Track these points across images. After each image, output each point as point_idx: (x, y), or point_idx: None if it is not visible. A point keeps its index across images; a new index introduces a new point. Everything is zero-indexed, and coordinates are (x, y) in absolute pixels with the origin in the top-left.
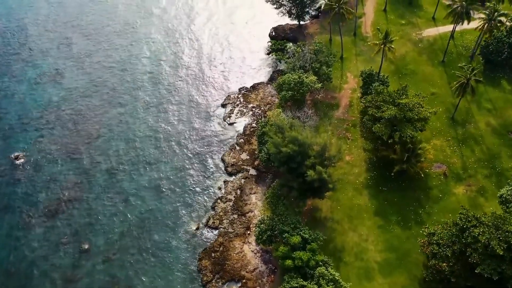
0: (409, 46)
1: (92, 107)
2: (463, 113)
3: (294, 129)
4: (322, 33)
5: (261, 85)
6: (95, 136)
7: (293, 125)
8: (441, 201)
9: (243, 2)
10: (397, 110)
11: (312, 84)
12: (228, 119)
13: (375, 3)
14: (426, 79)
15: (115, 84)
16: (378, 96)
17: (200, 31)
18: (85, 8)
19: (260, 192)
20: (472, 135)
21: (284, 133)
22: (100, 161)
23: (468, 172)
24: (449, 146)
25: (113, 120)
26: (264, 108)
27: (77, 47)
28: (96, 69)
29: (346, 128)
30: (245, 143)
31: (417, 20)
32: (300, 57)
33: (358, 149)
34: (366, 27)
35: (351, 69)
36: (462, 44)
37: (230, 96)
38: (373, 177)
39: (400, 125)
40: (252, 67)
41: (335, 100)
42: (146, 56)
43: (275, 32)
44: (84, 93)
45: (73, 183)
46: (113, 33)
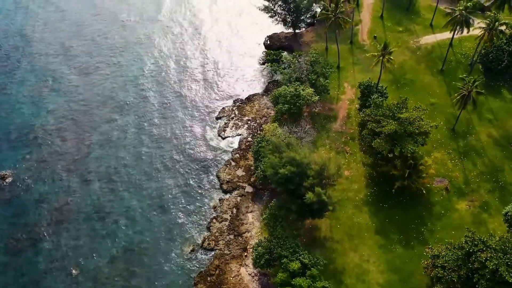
0: (407, 54)
1: (82, 122)
2: (463, 124)
3: (291, 148)
4: (318, 41)
5: (256, 97)
6: (85, 153)
7: (290, 144)
8: (443, 217)
9: (237, 10)
10: (397, 124)
11: (309, 97)
12: (223, 133)
13: (372, 9)
14: (425, 88)
15: (105, 98)
16: (377, 109)
17: (192, 43)
18: (75, 18)
19: (257, 211)
20: (473, 147)
21: (281, 152)
22: (90, 180)
23: (470, 186)
24: (451, 159)
25: (103, 136)
26: (259, 121)
27: (66, 59)
28: (86, 83)
29: (345, 141)
30: (240, 158)
31: (414, 27)
32: (296, 69)
33: (357, 164)
34: (363, 35)
35: (349, 79)
36: (461, 51)
37: (225, 109)
38: (373, 193)
39: (401, 140)
40: (247, 77)
41: (333, 112)
42: (136, 69)
43: (270, 40)
44: (73, 107)
45: (62, 203)
46: (104, 46)
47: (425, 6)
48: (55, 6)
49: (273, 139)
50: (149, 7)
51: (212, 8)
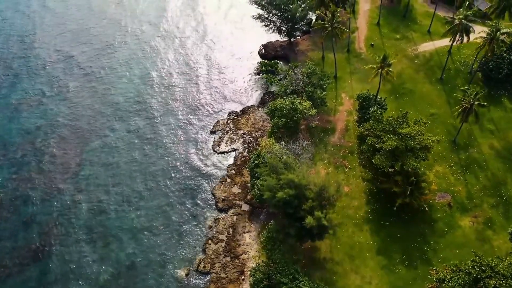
0: (405, 63)
1: (72, 138)
2: (465, 135)
3: (289, 168)
4: (314, 49)
5: (251, 109)
6: (75, 171)
7: (287, 163)
8: (447, 235)
9: (230, 19)
10: (398, 140)
11: (306, 111)
12: (218, 147)
13: (368, 16)
14: (424, 98)
15: (95, 113)
16: (377, 124)
17: (185, 54)
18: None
19: (254, 231)
20: (475, 160)
21: (278, 173)
22: (80, 199)
23: (473, 201)
24: (452, 173)
25: (94, 153)
26: (255, 134)
27: (55, 71)
28: (76, 96)
29: (343, 155)
30: (236, 175)
31: (412, 34)
32: (292, 80)
33: (357, 179)
34: (360, 43)
35: (346, 89)
36: (460, 59)
37: (219, 122)
38: (374, 210)
39: (402, 155)
40: (241, 88)
41: (330, 124)
42: (127, 83)
43: (264, 49)
44: (63, 122)
45: (52, 225)
46: (93, 55)
47: (422, 13)
48: (53, 13)
49: (270, 160)
50: (140, 19)
51: (205, 18)
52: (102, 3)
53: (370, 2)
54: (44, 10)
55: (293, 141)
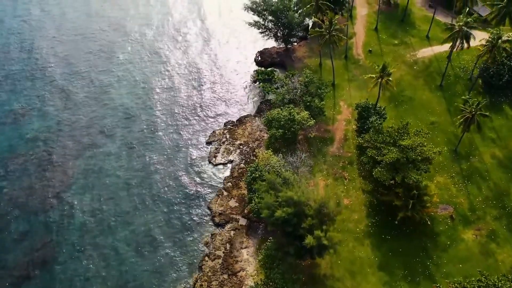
0: (404, 69)
1: (63, 150)
2: (466, 144)
3: (287, 184)
4: (312, 56)
5: (248, 118)
6: (66, 185)
7: (286, 178)
8: (449, 249)
9: (226, 25)
10: (399, 152)
11: (304, 122)
12: (214, 159)
13: (365, 21)
14: (424, 106)
15: (88, 123)
16: (377, 135)
17: (179, 60)
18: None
19: (252, 246)
20: (477, 169)
21: (276, 189)
22: (72, 215)
23: (476, 213)
24: (454, 184)
25: (86, 166)
26: (252, 145)
27: (43, 82)
28: (66, 107)
29: (343, 166)
30: (233, 187)
31: (410, 40)
32: (289, 89)
33: (357, 191)
34: (358, 49)
35: (344, 97)
36: (459, 65)
37: (215, 132)
38: (375, 223)
39: (403, 168)
40: (238, 97)
41: (329, 134)
42: (121, 91)
43: (261, 56)
44: (55, 133)
45: (44, 243)
46: (84, 62)
47: (420, 17)
48: (51, 17)
49: (268, 176)
50: (134, 23)
51: (200, 25)
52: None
53: (368, 6)
54: (42, 15)
55: (291, 153)
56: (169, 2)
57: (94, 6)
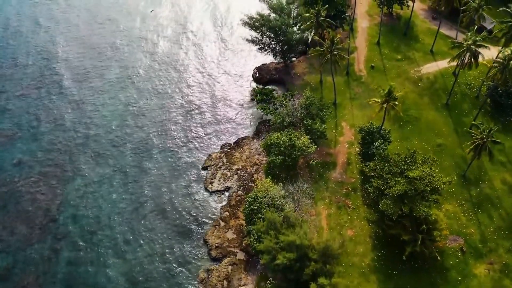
0: (408, 86)
1: (51, 176)
2: (474, 168)
3: (288, 223)
4: (312, 72)
5: (246, 141)
6: (55, 214)
7: (286, 218)
8: (461, 285)
9: (223, 40)
10: (407, 184)
11: (305, 148)
12: (210, 185)
13: (367, 34)
14: (430, 126)
15: (77, 147)
16: (382, 163)
17: (173, 76)
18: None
19: (251, 283)
20: (487, 196)
21: (277, 229)
22: (61, 248)
23: (488, 245)
24: (464, 212)
25: (75, 193)
26: (250, 170)
27: (31, 102)
28: (55, 129)
29: (346, 193)
30: (230, 217)
31: (414, 54)
32: (289, 112)
33: (361, 221)
34: (359, 64)
35: (346, 117)
36: (465, 82)
37: (212, 156)
38: (381, 257)
39: (411, 200)
40: (235, 117)
41: (331, 157)
42: (112, 110)
43: (259, 72)
44: (41, 157)
45: (29, 281)
46: (70, 87)
47: (423, 30)
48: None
49: (267, 215)
50: (125, 40)
51: (195, 39)
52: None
53: (369, 18)
54: (28, 30)
55: (292, 180)
56: (161, 16)
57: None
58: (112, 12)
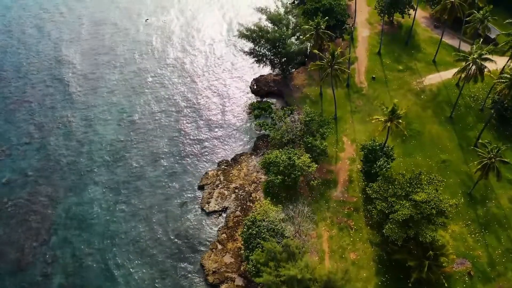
0: (411, 98)
1: (40, 197)
2: (481, 186)
3: (288, 255)
4: (311, 84)
5: (243, 157)
6: (45, 237)
7: (286, 247)
8: None
9: (219, 51)
10: (412, 207)
11: (305, 167)
12: (207, 206)
13: (367, 43)
14: (434, 141)
15: (68, 164)
16: (386, 185)
17: (168, 89)
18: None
19: None
20: (495, 216)
21: (277, 260)
22: (52, 273)
23: (496, 269)
24: (470, 233)
25: (66, 215)
26: (249, 188)
27: (22, 114)
28: (44, 144)
29: (348, 213)
30: (228, 239)
31: (416, 65)
32: (288, 129)
33: (364, 243)
34: (360, 76)
35: (347, 132)
36: (469, 94)
37: (208, 174)
38: (385, 282)
39: (417, 225)
40: (232, 132)
41: (332, 175)
42: (104, 125)
43: (256, 84)
44: (31, 177)
45: None
46: (65, 101)
47: (425, 39)
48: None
49: (267, 245)
50: (123, 50)
51: (191, 50)
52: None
53: (369, 27)
54: (19, 44)
55: (291, 199)
56: (154, 27)
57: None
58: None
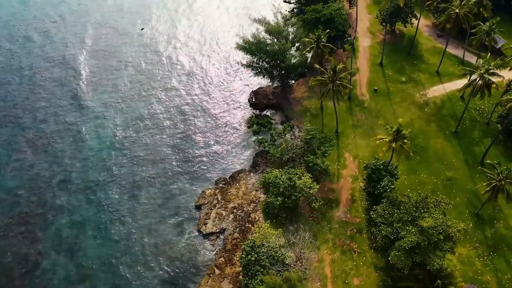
0: (414, 112)
1: (30, 218)
2: (488, 206)
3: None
4: (311, 97)
5: (242, 174)
6: (34, 263)
7: (287, 280)
8: None
9: (218, 63)
10: (419, 234)
11: (307, 189)
12: (204, 227)
13: (369, 53)
14: (438, 157)
15: (59, 182)
16: (391, 208)
17: (163, 102)
18: None
19: None
20: (503, 238)
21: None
22: None
23: None
24: (478, 256)
25: (58, 238)
26: (247, 208)
27: (11, 129)
28: (35, 161)
29: (351, 235)
30: (226, 264)
31: (419, 76)
32: (288, 147)
33: (368, 267)
34: (362, 87)
35: (349, 147)
36: (475, 106)
37: (206, 193)
38: None
39: (424, 252)
40: (230, 147)
41: (334, 194)
42: (99, 140)
43: (255, 97)
44: (21, 196)
45: None
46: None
47: (428, 48)
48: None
49: (266, 279)
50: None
51: (191, 61)
52: None
53: (370, 36)
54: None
55: (292, 219)
56: (147, 37)
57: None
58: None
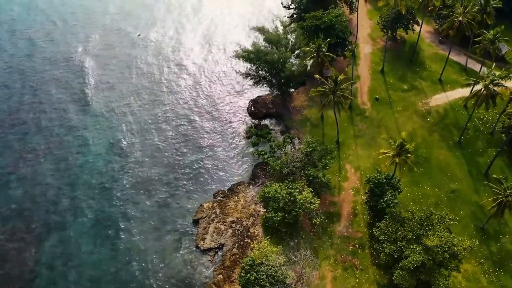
0: (416, 121)
1: (22, 234)
2: (494, 220)
3: None
4: (311, 106)
5: (241, 187)
6: (28, 280)
7: None
8: None
9: (216, 71)
10: (424, 253)
11: (307, 204)
12: (202, 242)
13: (370, 61)
14: (442, 168)
15: (54, 196)
16: (394, 225)
17: (160, 110)
18: None
19: None
20: (510, 253)
21: None
22: None
23: None
24: (484, 273)
25: (51, 253)
26: (246, 222)
27: (3, 141)
28: (28, 175)
29: (352, 251)
30: (225, 281)
31: (421, 84)
32: (288, 160)
33: (371, 285)
34: (363, 96)
35: (351, 159)
36: (478, 116)
37: (203, 206)
38: None
39: (429, 272)
40: (228, 159)
41: (335, 207)
42: (92, 153)
43: (254, 106)
44: (13, 211)
45: None
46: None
47: (430, 55)
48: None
49: None
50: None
51: (187, 68)
52: None
53: (371, 43)
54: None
55: (292, 234)
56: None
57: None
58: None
